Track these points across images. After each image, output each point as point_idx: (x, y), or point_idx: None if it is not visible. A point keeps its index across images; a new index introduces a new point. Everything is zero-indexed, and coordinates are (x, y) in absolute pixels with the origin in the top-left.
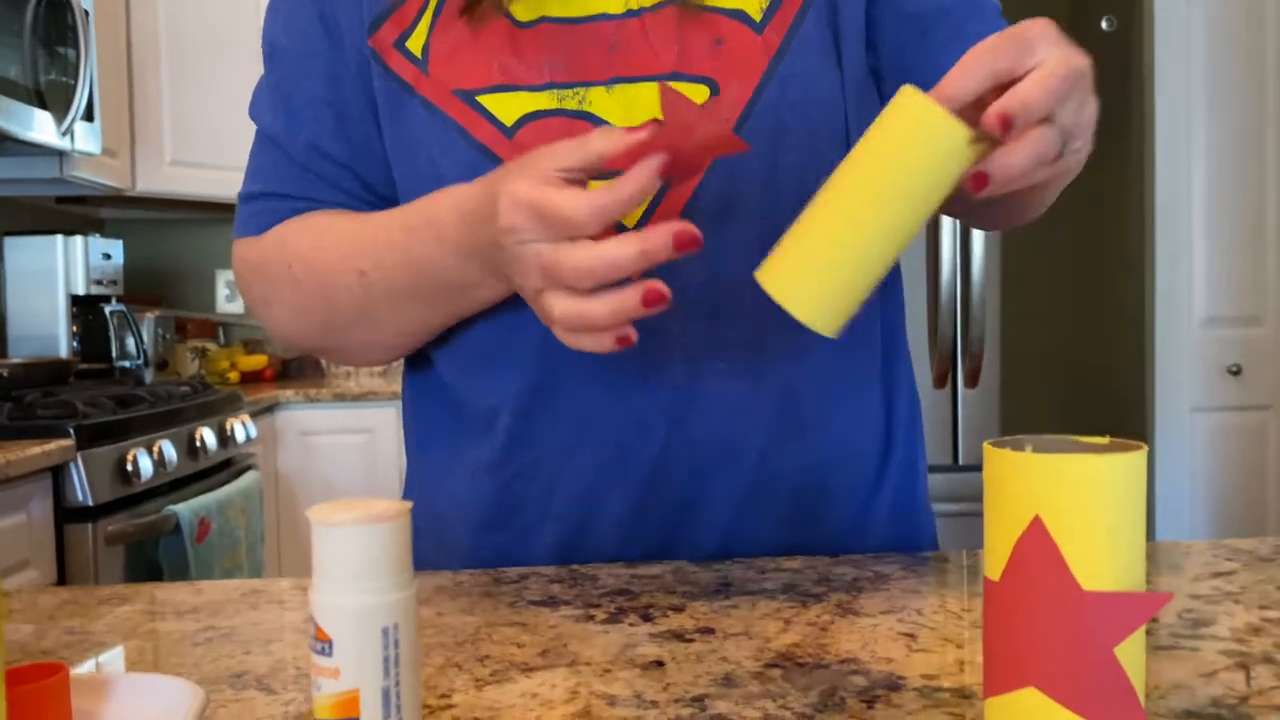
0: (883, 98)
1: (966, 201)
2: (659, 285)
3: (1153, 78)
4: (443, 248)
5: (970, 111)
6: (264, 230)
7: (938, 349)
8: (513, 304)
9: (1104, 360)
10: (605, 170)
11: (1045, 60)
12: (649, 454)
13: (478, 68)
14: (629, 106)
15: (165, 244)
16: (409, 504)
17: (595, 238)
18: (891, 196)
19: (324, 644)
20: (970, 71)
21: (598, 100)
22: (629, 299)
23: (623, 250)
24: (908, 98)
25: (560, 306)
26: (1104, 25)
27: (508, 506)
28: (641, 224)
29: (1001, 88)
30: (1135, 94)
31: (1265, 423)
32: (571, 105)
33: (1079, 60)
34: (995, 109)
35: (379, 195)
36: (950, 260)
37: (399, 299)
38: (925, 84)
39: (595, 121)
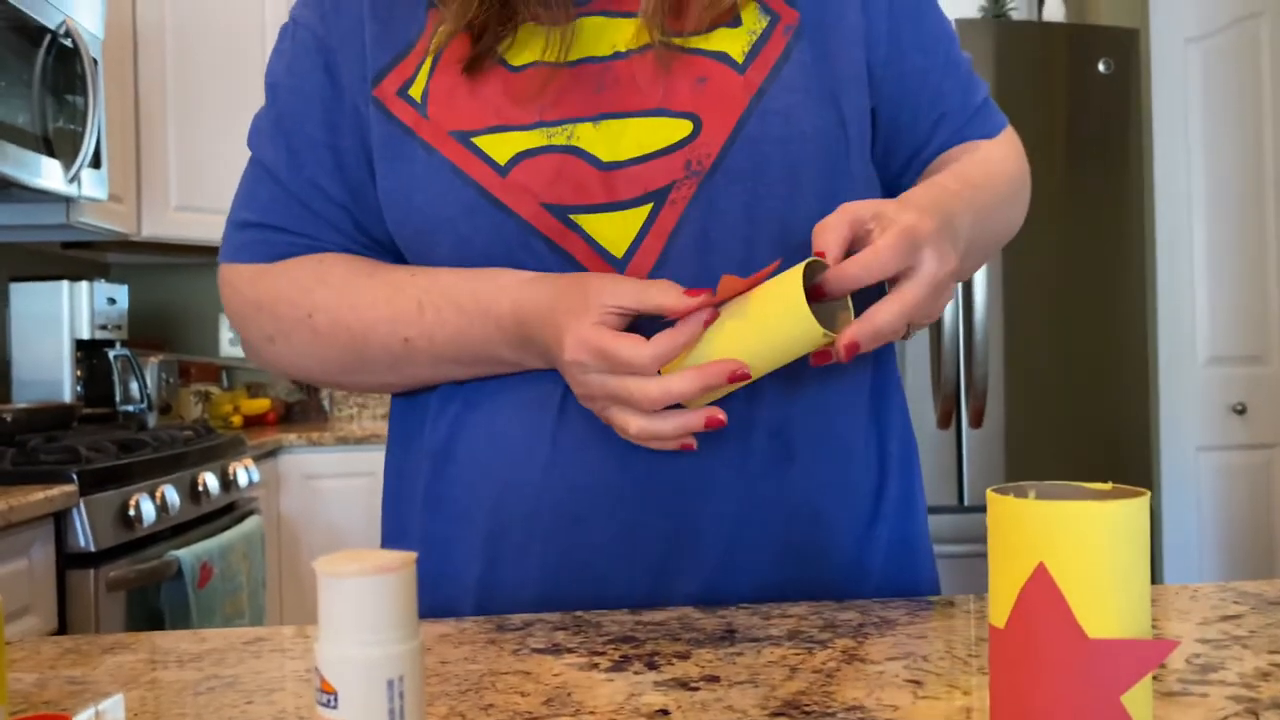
0: (874, 139)
1: None
2: (719, 415)
3: (1150, 119)
4: (502, 338)
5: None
6: (259, 260)
7: (941, 389)
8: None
9: (1109, 400)
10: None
11: (918, 271)
12: (632, 482)
13: (473, 110)
14: (615, 140)
15: (169, 288)
16: (414, 555)
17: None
18: (755, 353)
19: (329, 696)
20: (869, 271)
21: (585, 135)
22: (693, 421)
23: (686, 386)
24: (794, 298)
25: (635, 425)
26: (1101, 68)
27: (498, 526)
28: (631, 251)
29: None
30: (1133, 136)
31: (1271, 461)
32: (560, 141)
33: (945, 269)
34: (847, 338)
35: (373, 239)
36: (953, 301)
37: (442, 364)
38: (902, 145)
39: (583, 156)
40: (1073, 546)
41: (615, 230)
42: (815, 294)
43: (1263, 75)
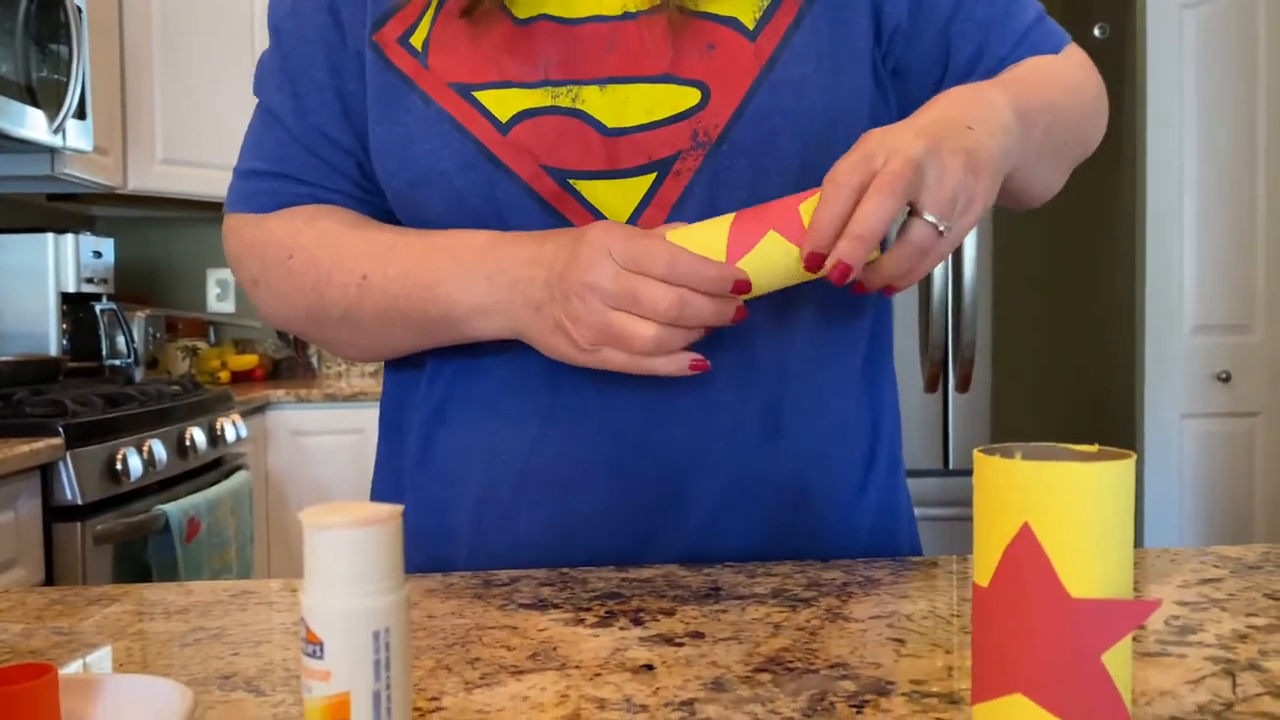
0: (908, 98)
1: None
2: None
3: (1145, 86)
4: (459, 265)
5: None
6: (264, 210)
7: (929, 353)
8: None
9: (1095, 366)
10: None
11: (883, 167)
12: (622, 452)
13: (475, 63)
14: (621, 106)
15: (156, 242)
16: (400, 507)
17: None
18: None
19: (315, 646)
20: (831, 209)
21: (591, 99)
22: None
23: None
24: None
25: (650, 330)
26: (1096, 33)
27: (488, 491)
28: (633, 221)
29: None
30: (1127, 102)
31: (1253, 429)
32: (565, 103)
33: (913, 146)
34: (831, 260)
35: (380, 186)
36: (942, 265)
37: (387, 317)
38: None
39: (587, 120)
40: (1058, 507)
41: (616, 198)
42: None
43: (1259, 42)
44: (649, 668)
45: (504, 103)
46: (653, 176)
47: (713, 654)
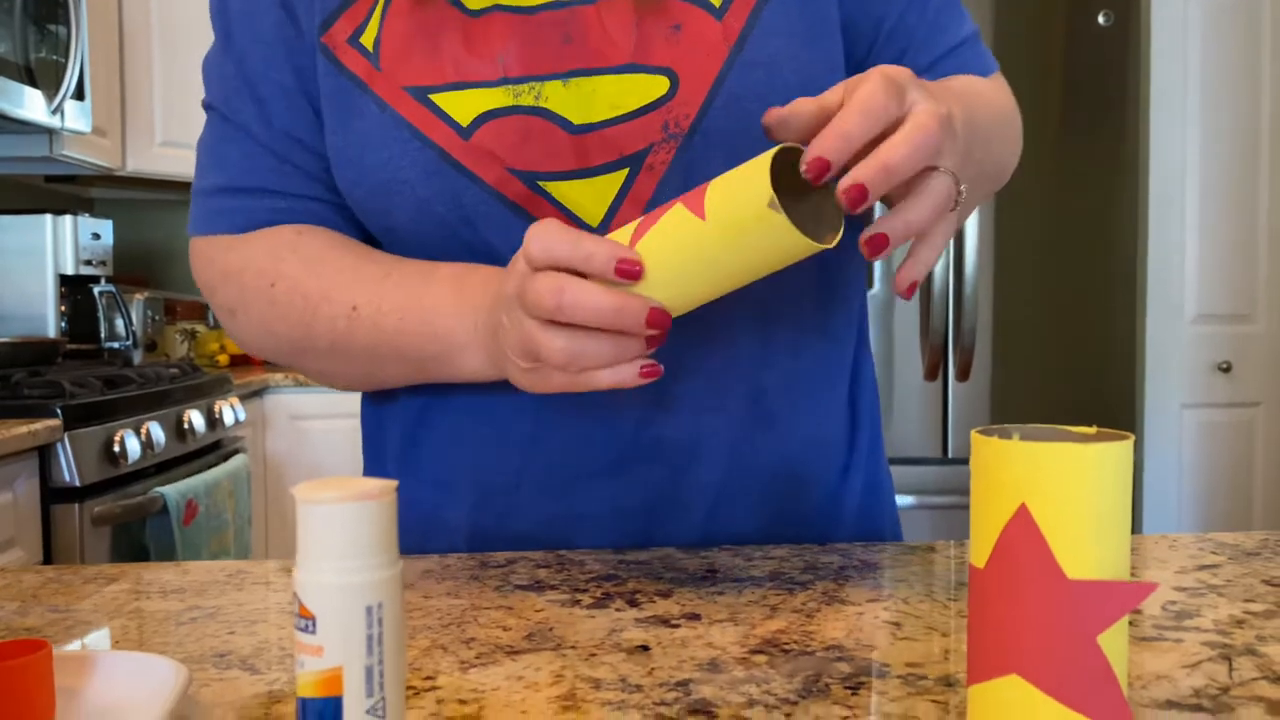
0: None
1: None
2: (656, 367)
3: (1149, 73)
4: (458, 299)
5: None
6: (237, 230)
7: (929, 341)
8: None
9: (1095, 355)
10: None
11: (915, 108)
12: (616, 453)
13: (430, 62)
14: (587, 100)
15: (155, 225)
16: (394, 483)
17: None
18: (718, 279)
19: (307, 621)
20: (859, 124)
21: (553, 95)
22: (628, 346)
23: (585, 298)
24: (770, 217)
25: (559, 341)
26: (1101, 20)
27: (484, 489)
28: (608, 220)
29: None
30: (1131, 89)
31: (1253, 419)
32: (528, 101)
33: (944, 108)
34: (851, 180)
35: None
36: (944, 254)
37: (378, 351)
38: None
39: (552, 118)
40: (1055, 488)
41: (588, 198)
42: (794, 190)
43: (1263, 31)
44: (645, 648)
45: (463, 105)
46: (625, 173)
47: (709, 635)
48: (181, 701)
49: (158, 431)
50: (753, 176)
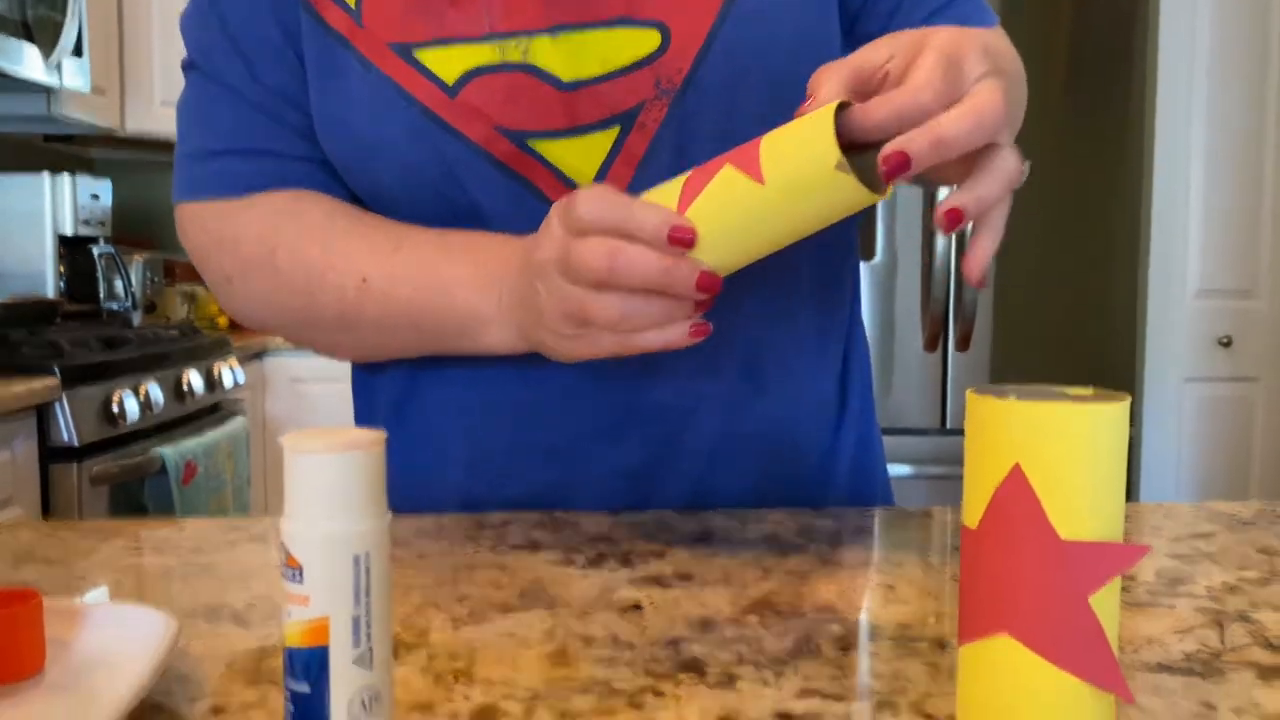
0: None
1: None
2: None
3: (1156, 49)
4: (477, 269)
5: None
6: (231, 194)
7: (930, 312)
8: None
9: (1097, 328)
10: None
11: (978, 86)
12: (611, 418)
13: (413, 18)
14: (576, 56)
15: (155, 186)
16: (383, 433)
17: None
18: (775, 235)
19: (294, 571)
20: (915, 98)
21: (541, 50)
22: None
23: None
24: (837, 179)
25: (616, 309)
26: None
27: (478, 455)
28: (599, 179)
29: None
30: (1137, 63)
31: (1252, 394)
32: (515, 57)
33: (1000, 84)
34: (895, 146)
35: None
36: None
37: (389, 322)
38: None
39: (540, 75)
40: (1050, 448)
41: (579, 156)
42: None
43: (1272, 9)
44: (637, 608)
45: (448, 62)
46: (616, 131)
47: (701, 595)
48: (171, 653)
49: (156, 392)
50: (814, 137)
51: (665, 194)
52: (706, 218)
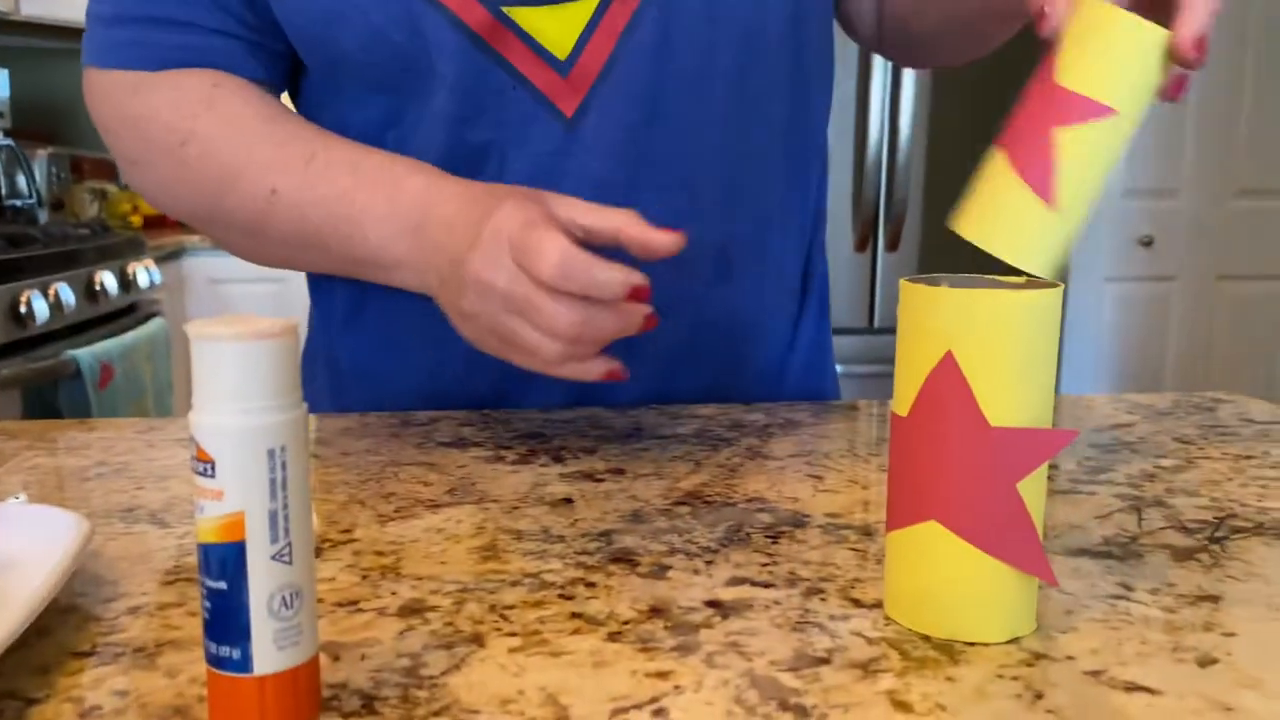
0: None
1: (907, 35)
2: (619, 367)
3: None
4: (391, 207)
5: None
6: (141, 67)
7: (861, 211)
8: None
9: None
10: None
11: None
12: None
13: None
14: None
15: (58, 76)
16: (295, 320)
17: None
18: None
19: (206, 465)
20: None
21: None
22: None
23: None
24: (1128, 26)
25: (559, 338)
26: None
27: (436, 354)
28: (577, 52)
29: None
30: None
31: (1170, 293)
32: None
33: None
34: (1194, 37)
35: (270, 22)
36: (878, 122)
37: (296, 239)
38: None
39: None
40: (982, 334)
41: (555, 27)
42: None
43: None
44: (568, 501)
45: None
46: (595, 1)
47: (632, 489)
48: (83, 554)
49: (67, 293)
50: (1146, 52)
51: (997, 179)
52: (1074, 183)
